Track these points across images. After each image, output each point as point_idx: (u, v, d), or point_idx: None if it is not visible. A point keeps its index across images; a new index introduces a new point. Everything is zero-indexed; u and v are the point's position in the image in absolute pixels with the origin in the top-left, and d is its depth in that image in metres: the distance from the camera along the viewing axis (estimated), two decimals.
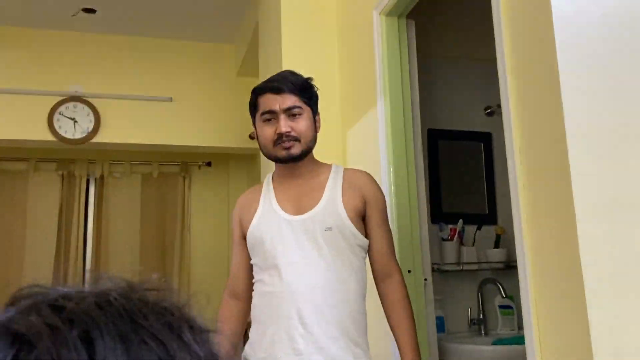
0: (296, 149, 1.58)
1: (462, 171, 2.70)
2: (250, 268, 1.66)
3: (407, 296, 1.61)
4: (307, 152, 1.61)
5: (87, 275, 4.23)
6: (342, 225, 1.55)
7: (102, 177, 4.40)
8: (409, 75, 2.14)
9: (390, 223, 1.94)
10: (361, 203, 1.60)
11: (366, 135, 2.29)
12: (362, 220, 1.61)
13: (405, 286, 1.61)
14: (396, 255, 1.94)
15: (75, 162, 4.31)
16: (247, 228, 1.63)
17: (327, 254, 1.53)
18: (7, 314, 0.41)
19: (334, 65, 2.67)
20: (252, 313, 1.60)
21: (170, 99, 3.99)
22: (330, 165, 1.68)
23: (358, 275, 1.57)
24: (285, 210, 1.60)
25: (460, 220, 2.49)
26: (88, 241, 4.34)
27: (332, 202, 1.58)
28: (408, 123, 2.11)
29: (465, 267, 2.44)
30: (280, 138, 1.56)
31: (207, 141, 4.03)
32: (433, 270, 2.52)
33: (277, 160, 1.62)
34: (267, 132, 1.59)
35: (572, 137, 1.13)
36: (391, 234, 1.65)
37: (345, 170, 1.67)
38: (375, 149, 2.16)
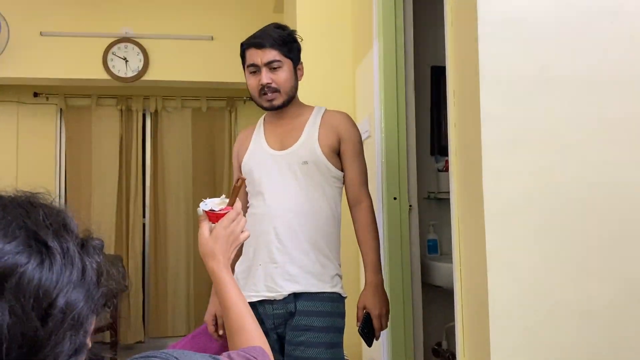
0: (277, 100, 1.81)
1: None
2: (247, 194, 1.94)
3: (374, 221, 1.84)
4: (288, 100, 1.83)
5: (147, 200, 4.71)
6: (316, 159, 1.79)
7: (156, 111, 4.79)
8: (403, 14, 2.27)
9: (378, 154, 2.15)
10: (336, 140, 1.82)
11: (366, 72, 2.46)
12: (337, 155, 1.83)
13: (372, 212, 1.84)
14: (383, 184, 2.16)
15: (132, 98, 4.71)
16: (242, 161, 1.91)
17: (303, 184, 1.78)
18: None
19: (347, 3, 2.80)
20: None
21: (212, 38, 4.25)
22: (312, 108, 1.90)
23: (330, 202, 1.81)
24: (271, 147, 1.85)
25: None
26: (147, 170, 4.81)
27: (309, 139, 1.81)
28: (400, 61, 2.25)
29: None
30: (263, 89, 1.79)
31: None
32: (429, 198, 2.72)
33: (263, 108, 1.86)
34: (252, 82, 1.82)
35: (486, 84, 1.29)
36: (364, 167, 1.87)
37: (326, 111, 1.88)
38: (371, 85, 2.33)
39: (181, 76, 4.24)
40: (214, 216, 1.13)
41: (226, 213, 1.13)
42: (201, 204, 1.15)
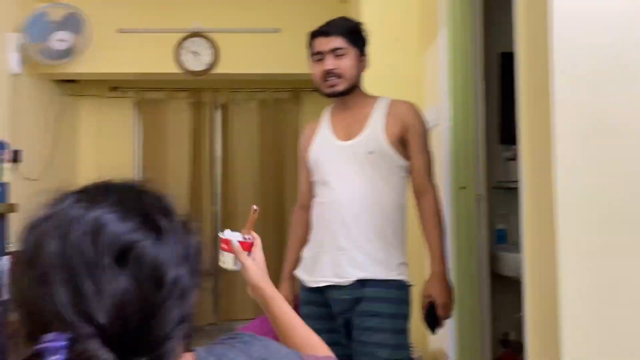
0: (339, 86, 1.84)
1: None
2: (311, 183, 1.99)
3: (439, 212, 1.84)
4: (350, 88, 1.86)
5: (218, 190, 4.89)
6: (382, 149, 1.81)
7: (225, 104, 4.94)
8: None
9: (446, 143, 2.15)
10: (401, 130, 1.83)
11: (433, 60, 2.44)
12: (403, 144, 1.84)
13: (438, 202, 1.85)
14: (450, 173, 2.16)
15: (202, 91, 4.88)
16: (308, 152, 1.95)
17: (369, 173, 1.81)
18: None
19: None
20: (311, 218, 1.95)
21: (278, 30, 4.32)
22: (377, 98, 1.92)
23: (396, 191, 1.83)
24: (337, 137, 1.89)
25: None
26: (217, 160, 4.97)
27: (375, 129, 1.83)
28: (469, 48, 2.22)
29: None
30: (326, 75, 1.83)
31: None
32: (498, 187, 2.67)
33: (325, 95, 1.90)
34: (317, 70, 1.86)
35: (558, 71, 1.26)
36: (429, 157, 1.87)
37: (392, 101, 1.90)
38: (438, 73, 2.32)
39: (249, 68, 4.35)
40: (247, 245, 1.22)
41: (253, 242, 1.22)
42: (225, 233, 1.23)
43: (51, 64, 4.03)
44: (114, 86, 4.85)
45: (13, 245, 3.55)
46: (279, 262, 5.16)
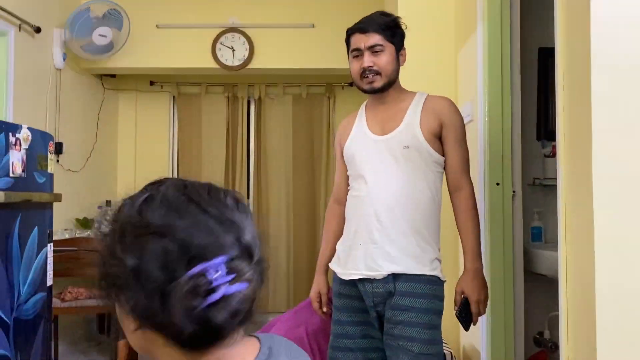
0: (377, 83, 1.85)
1: None
2: (348, 179, 2.01)
3: (474, 207, 1.83)
4: (388, 84, 1.86)
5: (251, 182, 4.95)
6: (418, 144, 1.81)
7: (259, 98, 4.99)
8: None
9: (481, 139, 2.13)
10: (438, 125, 1.83)
11: (469, 56, 2.42)
12: (439, 140, 1.84)
13: (473, 199, 1.84)
14: (485, 168, 2.15)
15: (238, 86, 4.94)
16: (344, 146, 1.97)
17: (404, 167, 1.81)
18: None
19: None
20: (345, 212, 1.96)
21: (312, 26, 4.34)
22: (414, 93, 1.92)
23: (431, 186, 1.83)
24: (373, 132, 1.90)
25: None
26: (251, 154, 5.04)
27: (411, 124, 1.83)
28: (506, 43, 2.20)
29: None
30: (364, 72, 1.84)
31: (347, 63, 4.34)
32: (535, 184, 2.63)
33: (363, 91, 1.91)
34: (355, 66, 1.87)
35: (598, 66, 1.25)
36: (466, 153, 1.86)
37: (428, 96, 1.89)
38: (474, 68, 2.30)
39: (283, 63, 4.38)
40: None
41: None
42: None
43: (93, 59, 4.15)
44: (152, 80, 4.96)
45: (59, 232, 3.68)
46: (312, 256, 5.20)
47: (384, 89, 1.86)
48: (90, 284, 4.00)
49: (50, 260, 2.22)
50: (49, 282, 2.21)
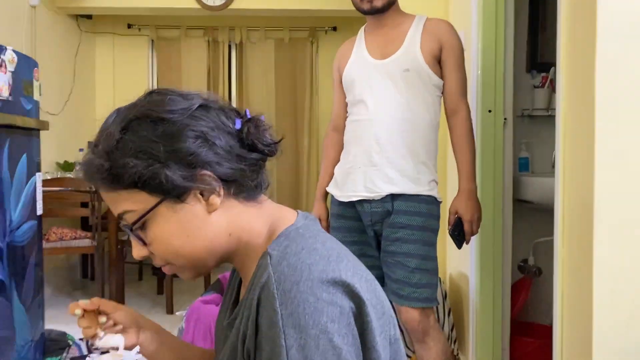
0: (378, 1, 1.83)
1: None
2: (347, 106, 2.00)
3: (470, 131, 1.86)
4: (389, 3, 1.85)
5: None
6: (418, 67, 1.81)
7: (241, 42, 4.90)
8: None
9: (474, 66, 2.14)
10: (437, 49, 1.83)
11: None
12: (438, 63, 1.84)
13: (469, 122, 1.86)
14: (477, 96, 2.16)
15: (218, 29, 4.83)
16: (343, 71, 1.96)
17: (404, 91, 1.82)
18: None
19: None
20: (344, 137, 1.97)
21: None
22: (413, 16, 1.91)
23: (430, 109, 1.85)
24: (373, 56, 1.89)
25: (553, 68, 2.55)
26: (233, 101, 4.97)
27: (411, 47, 1.83)
28: None
29: (553, 113, 2.55)
30: None
31: (332, 4, 4.27)
32: (523, 115, 2.67)
33: (363, 12, 1.88)
34: None
35: None
36: (464, 77, 1.87)
37: (427, 19, 1.89)
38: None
39: (266, 4, 4.29)
40: None
41: None
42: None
43: None
44: (129, 23, 4.81)
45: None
46: (295, 203, 5.21)
47: (384, 9, 1.85)
48: (74, 224, 3.97)
49: (39, 190, 2.19)
50: (39, 211, 2.18)
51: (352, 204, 1.88)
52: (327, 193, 2.03)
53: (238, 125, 0.78)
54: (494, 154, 2.22)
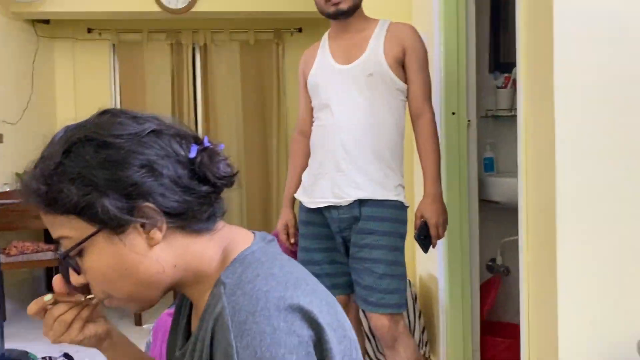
0: (344, 5, 1.82)
1: None
2: (313, 110, 1.98)
3: (435, 134, 1.86)
4: (354, 7, 1.84)
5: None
6: (382, 72, 1.81)
7: (205, 45, 4.83)
8: None
9: (437, 69, 2.14)
10: (401, 52, 1.82)
11: None
12: (402, 67, 1.84)
13: (434, 125, 1.86)
14: (441, 98, 2.17)
15: (182, 32, 4.75)
16: (308, 76, 1.94)
17: (368, 96, 1.81)
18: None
19: None
20: (310, 142, 1.95)
21: None
22: (376, 21, 1.90)
23: (395, 114, 1.84)
24: (337, 61, 1.88)
25: (515, 69, 2.58)
26: (198, 104, 4.90)
27: (375, 52, 1.82)
28: None
29: (517, 113, 2.59)
30: None
31: (297, 6, 4.24)
32: (487, 116, 2.70)
33: (328, 15, 1.87)
34: None
35: None
36: (428, 80, 1.87)
37: (391, 23, 1.88)
38: (430, 1, 2.29)
39: (230, 6, 4.24)
40: None
41: None
42: None
43: (23, 1, 3.87)
44: (89, 27, 4.70)
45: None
46: (266, 206, 5.17)
47: (349, 13, 1.84)
48: (36, 236, 3.85)
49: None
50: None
51: (320, 211, 1.86)
52: (294, 199, 2.01)
53: (193, 154, 0.73)
54: (459, 155, 2.23)
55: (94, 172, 0.69)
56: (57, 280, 0.79)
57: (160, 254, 0.72)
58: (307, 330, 0.67)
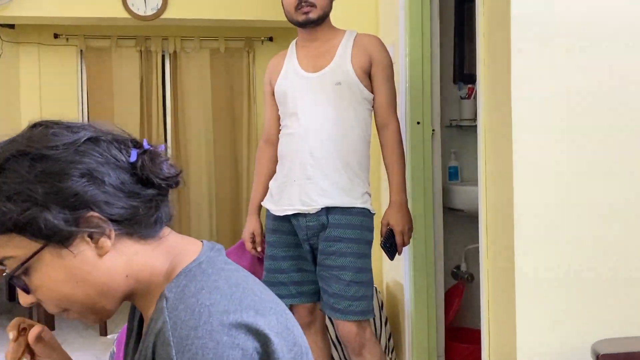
0: (313, 14, 1.85)
1: None
2: (279, 118, 2.00)
3: (400, 144, 1.90)
4: (323, 16, 1.87)
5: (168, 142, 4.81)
6: (350, 80, 1.84)
7: (175, 53, 4.81)
8: None
9: (403, 80, 2.19)
10: (367, 62, 1.86)
11: (391, 2, 2.46)
12: (368, 77, 1.88)
13: (399, 135, 1.90)
14: (406, 108, 2.21)
15: (151, 39, 4.72)
16: (275, 84, 1.96)
17: (336, 105, 1.84)
18: None
19: None
20: (278, 150, 1.96)
21: None
22: (343, 31, 1.94)
23: (361, 123, 1.88)
24: (304, 69, 1.90)
25: None
26: (167, 112, 4.86)
27: (343, 61, 1.85)
28: None
29: None
30: (300, 3, 1.82)
31: (268, 15, 4.26)
32: (451, 125, 2.76)
33: (297, 24, 1.89)
34: None
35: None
36: (393, 91, 1.91)
37: (358, 34, 1.92)
38: (396, 14, 2.34)
39: (200, 14, 4.23)
40: None
41: None
42: None
43: None
44: (56, 33, 4.63)
45: None
46: (235, 216, 5.14)
47: (318, 22, 1.87)
48: None
49: None
50: None
51: (287, 218, 1.87)
52: (260, 207, 2.02)
53: (133, 158, 0.73)
54: (423, 164, 2.27)
55: (32, 187, 0.67)
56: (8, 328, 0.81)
57: (111, 263, 0.72)
58: (253, 342, 0.67)
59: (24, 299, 0.73)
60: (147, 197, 0.73)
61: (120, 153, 0.73)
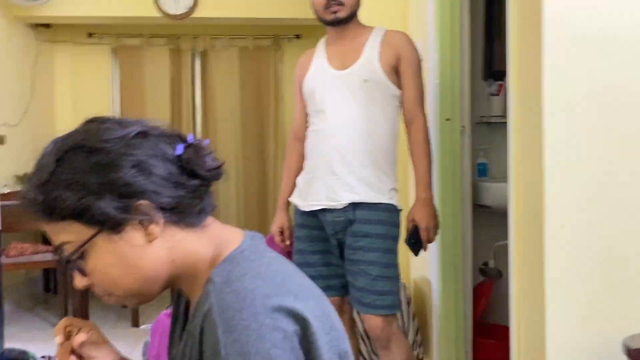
0: (342, 13, 1.87)
1: None
2: (307, 115, 2.03)
3: (427, 140, 1.91)
4: (351, 15, 1.89)
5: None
6: (377, 78, 1.86)
7: (204, 51, 4.88)
8: None
9: (432, 76, 2.19)
10: (395, 59, 1.88)
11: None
12: (396, 74, 1.89)
13: (426, 131, 1.91)
14: (436, 104, 2.22)
15: (181, 38, 4.80)
16: (303, 81, 1.99)
17: (363, 102, 1.86)
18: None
19: None
20: (305, 147, 2.00)
21: None
22: (372, 28, 1.95)
23: (389, 119, 1.89)
24: (332, 66, 1.93)
25: None
26: (197, 109, 4.94)
27: (370, 58, 1.87)
28: None
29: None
30: (328, 2, 1.85)
31: (296, 13, 4.29)
32: (481, 122, 2.75)
33: (326, 23, 1.92)
34: None
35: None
36: (421, 87, 1.92)
37: (386, 31, 1.94)
38: (424, 9, 2.35)
39: (229, 12, 4.29)
40: None
41: None
42: None
43: (26, 6, 3.92)
44: (90, 32, 4.74)
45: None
46: (263, 215, 5.19)
47: (347, 20, 1.89)
48: (34, 238, 3.88)
49: None
50: None
51: (314, 214, 1.90)
52: (289, 203, 2.05)
53: (179, 151, 0.78)
54: (452, 160, 2.27)
55: (87, 177, 0.73)
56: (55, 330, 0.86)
57: (159, 248, 0.76)
58: (293, 325, 0.71)
59: (79, 281, 0.78)
60: (192, 187, 0.78)
61: (167, 146, 0.77)
